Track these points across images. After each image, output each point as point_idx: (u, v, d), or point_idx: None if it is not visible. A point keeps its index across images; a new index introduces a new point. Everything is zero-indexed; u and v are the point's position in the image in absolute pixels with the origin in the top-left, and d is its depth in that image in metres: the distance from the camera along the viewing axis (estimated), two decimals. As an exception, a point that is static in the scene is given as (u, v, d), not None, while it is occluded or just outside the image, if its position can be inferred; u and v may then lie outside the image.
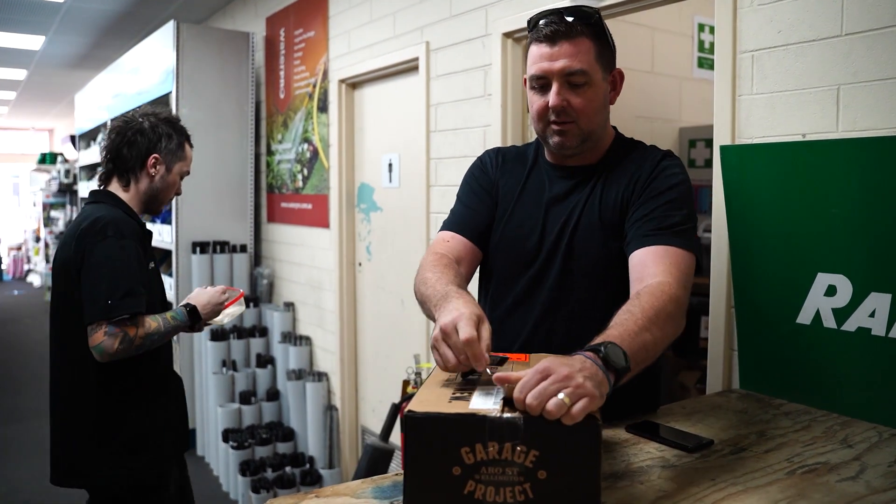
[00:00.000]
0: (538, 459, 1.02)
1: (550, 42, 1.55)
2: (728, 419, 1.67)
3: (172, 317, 2.26)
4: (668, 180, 1.60)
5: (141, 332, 2.13)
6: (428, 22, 3.39)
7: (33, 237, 14.41)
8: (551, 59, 1.55)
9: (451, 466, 1.04)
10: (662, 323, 1.32)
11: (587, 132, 1.61)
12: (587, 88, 1.56)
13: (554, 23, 1.54)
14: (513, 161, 1.81)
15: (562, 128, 1.59)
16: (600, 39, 1.58)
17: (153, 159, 2.34)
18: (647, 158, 1.66)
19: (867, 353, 1.68)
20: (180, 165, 2.43)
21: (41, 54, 8.14)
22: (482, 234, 1.75)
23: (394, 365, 3.91)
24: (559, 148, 1.63)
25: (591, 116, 1.59)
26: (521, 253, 1.70)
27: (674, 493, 1.21)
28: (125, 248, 2.15)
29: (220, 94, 4.97)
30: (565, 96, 1.56)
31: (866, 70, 1.74)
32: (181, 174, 2.45)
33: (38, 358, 7.67)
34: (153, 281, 2.33)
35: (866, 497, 1.22)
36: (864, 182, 1.68)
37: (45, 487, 4.27)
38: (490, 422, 1.03)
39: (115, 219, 2.19)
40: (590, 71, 1.55)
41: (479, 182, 1.80)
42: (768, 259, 1.88)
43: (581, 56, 1.54)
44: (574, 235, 1.64)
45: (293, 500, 1.20)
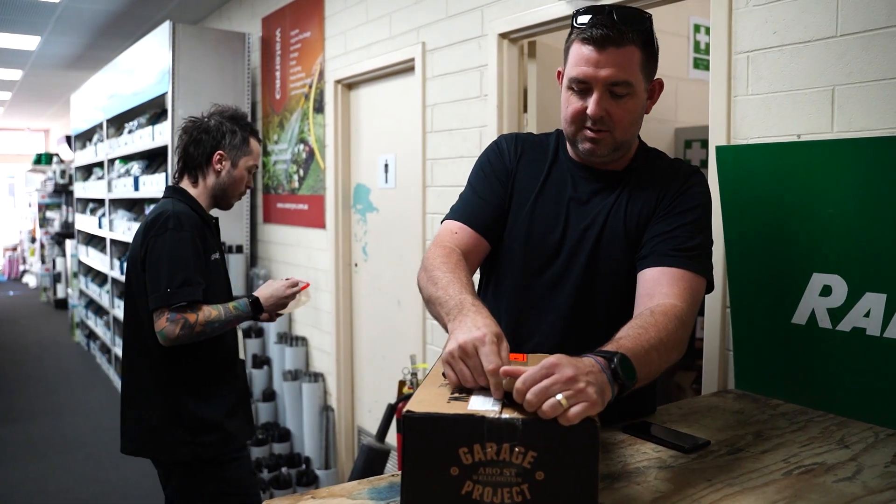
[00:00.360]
0: (536, 460, 1.01)
1: (598, 47, 1.45)
2: (724, 420, 1.67)
3: (235, 307, 2.37)
4: (693, 199, 1.57)
5: (201, 318, 2.26)
6: (424, 22, 3.39)
7: (29, 238, 14.37)
8: (597, 66, 1.46)
9: (448, 467, 1.03)
10: (671, 347, 1.33)
11: (620, 142, 1.55)
12: (628, 99, 1.49)
13: (605, 25, 1.44)
14: (532, 151, 1.71)
15: (596, 136, 1.53)
16: (648, 47, 1.49)
17: (218, 156, 2.47)
18: (677, 175, 1.61)
19: (862, 354, 1.68)
20: (245, 160, 2.51)
21: (37, 54, 8.12)
22: (491, 227, 1.66)
23: (390, 365, 3.91)
24: (589, 154, 1.57)
25: (628, 127, 1.53)
26: (538, 253, 1.63)
27: (670, 494, 1.21)
28: (183, 240, 2.28)
29: (216, 95, 4.94)
30: (605, 105, 1.49)
31: (861, 71, 1.75)
32: (248, 168, 2.53)
33: (34, 359, 7.66)
34: (216, 271, 2.44)
35: (863, 497, 1.22)
36: (860, 182, 1.68)
37: (40, 488, 4.28)
38: (488, 423, 1.03)
39: (177, 212, 2.33)
40: (634, 82, 1.48)
41: (493, 169, 1.70)
42: (763, 259, 1.88)
43: (628, 66, 1.46)
44: (599, 241, 1.59)
45: (289, 502, 1.19)
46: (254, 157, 2.55)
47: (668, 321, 1.35)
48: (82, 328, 8.48)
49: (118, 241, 6.34)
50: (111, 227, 6.37)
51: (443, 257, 1.53)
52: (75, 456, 4.90)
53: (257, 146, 2.57)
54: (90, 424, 5.62)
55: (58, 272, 11.16)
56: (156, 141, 5.10)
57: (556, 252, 1.62)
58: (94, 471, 4.63)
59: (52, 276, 11.56)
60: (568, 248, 1.61)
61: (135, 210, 6.12)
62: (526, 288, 1.66)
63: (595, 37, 1.45)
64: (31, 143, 17.23)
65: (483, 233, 1.65)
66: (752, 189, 1.90)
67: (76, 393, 6.53)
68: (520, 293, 1.67)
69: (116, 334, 6.58)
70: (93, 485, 4.39)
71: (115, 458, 4.87)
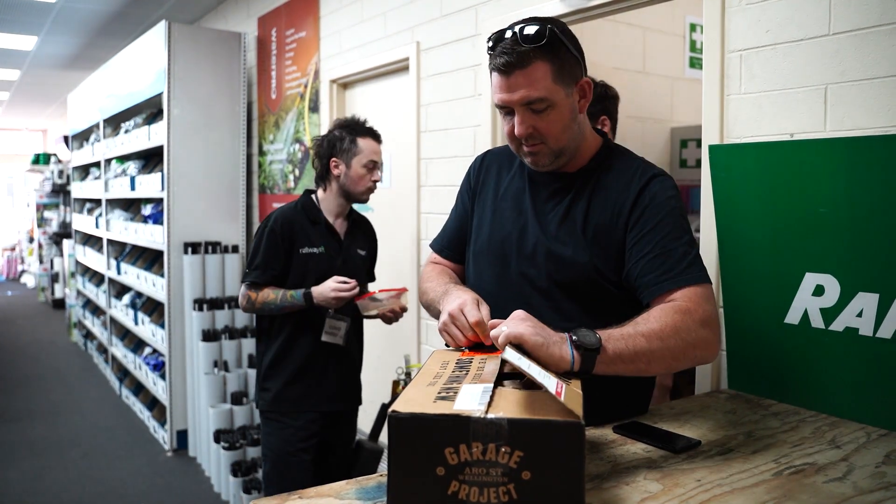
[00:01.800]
0: (522, 460, 1.01)
1: (505, 73, 1.51)
2: (716, 420, 1.67)
3: (292, 295, 2.75)
4: (662, 208, 1.56)
5: (260, 298, 2.78)
6: (418, 22, 3.39)
7: (27, 238, 14.36)
8: (509, 91, 1.52)
9: (434, 467, 1.03)
10: (666, 336, 1.37)
11: (558, 150, 1.59)
12: (550, 111, 1.53)
13: (505, 52, 1.49)
14: (499, 163, 1.80)
15: (532, 149, 1.59)
16: (557, 56, 1.51)
17: (333, 162, 2.82)
18: (633, 180, 1.61)
19: (855, 353, 1.68)
20: (358, 159, 2.80)
21: (34, 55, 8.12)
22: (456, 246, 1.86)
23: (384, 365, 3.90)
24: (534, 166, 1.64)
25: (559, 135, 1.57)
26: (499, 260, 1.69)
27: (659, 494, 1.20)
28: (266, 235, 2.80)
29: (212, 95, 4.96)
30: (530, 122, 1.54)
31: (854, 69, 1.74)
32: (364, 165, 2.82)
33: (31, 359, 7.65)
34: (304, 263, 2.81)
35: (853, 498, 1.21)
36: (852, 181, 1.67)
37: (36, 488, 4.28)
38: (474, 423, 1.02)
39: (278, 212, 2.86)
40: (549, 95, 1.51)
41: (461, 194, 1.88)
42: (756, 259, 1.88)
43: (537, 83, 1.50)
44: (554, 245, 1.62)
45: (277, 501, 1.19)
46: (366, 153, 2.81)
47: (662, 313, 1.41)
48: (80, 328, 8.48)
49: (115, 241, 6.33)
50: (108, 227, 6.36)
51: (430, 273, 1.82)
52: (72, 455, 4.89)
53: (369, 143, 2.82)
54: (87, 424, 5.61)
55: (56, 272, 11.15)
56: (152, 141, 5.09)
57: (515, 258, 1.67)
58: (91, 470, 4.62)
59: (49, 275, 11.55)
60: (526, 254, 1.65)
61: (131, 210, 6.11)
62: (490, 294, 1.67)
63: (499, 65, 1.51)
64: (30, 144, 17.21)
65: (456, 259, 1.86)
66: (746, 188, 1.89)
67: (73, 392, 6.52)
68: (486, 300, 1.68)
69: (113, 334, 6.57)
70: (89, 484, 4.38)
71: (112, 457, 4.87)
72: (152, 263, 5.66)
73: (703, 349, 1.44)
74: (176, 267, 4.82)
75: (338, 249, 2.89)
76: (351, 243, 2.94)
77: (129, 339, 6.25)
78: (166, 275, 4.83)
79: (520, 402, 1.11)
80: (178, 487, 4.40)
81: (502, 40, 1.51)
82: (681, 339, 1.38)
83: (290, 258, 2.81)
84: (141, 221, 5.52)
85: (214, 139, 4.96)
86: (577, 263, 1.60)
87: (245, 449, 4.33)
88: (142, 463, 4.78)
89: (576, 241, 1.60)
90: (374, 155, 2.82)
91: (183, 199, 4.81)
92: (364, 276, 3.02)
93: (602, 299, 1.61)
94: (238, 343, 4.77)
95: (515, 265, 1.67)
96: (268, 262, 2.79)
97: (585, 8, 2.54)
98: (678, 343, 1.38)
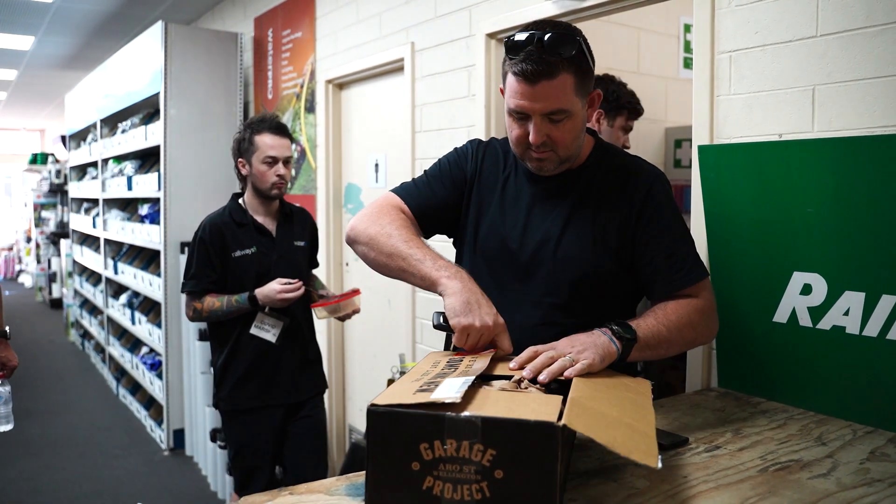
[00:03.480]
0: (495, 459, 1.02)
1: (531, 82, 1.48)
2: (705, 417, 1.69)
3: (237, 300, 2.78)
4: (666, 210, 1.63)
5: (206, 306, 2.80)
6: (413, 23, 3.40)
7: (24, 238, 14.35)
8: (532, 99, 1.50)
9: (410, 461, 1.05)
10: (682, 326, 1.54)
11: (565, 157, 1.60)
12: (567, 121, 1.53)
13: (534, 60, 1.46)
14: (491, 158, 1.77)
15: (540, 156, 1.58)
16: (581, 69, 1.51)
17: (241, 162, 2.88)
18: (637, 180, 1.64)
19: (842, 352, 1.70)
20: (257, 156, 2.82)
21: (31, 55, 8.12)
22: (429, 217, 1.74)
23: (381, 364, 3.92)
24: (538, 171, 1.64)
25: (570, 144, 1.58)
26: (506, 262, 1.68)
27: (645, 491, 1.22)
28: (197, 244, 2.84)
29: (209, 95, 4.96)
30: (545, 131, 1.54)
31: (841, 70, 1.76)
32: (263, 161, 2.82)
33: (29, 358, 7.65)
34: (238, 266, 2.84)
35: (836, 494, 1.23)
36: (839, 182, 1.69)
37: (34, 487, 4.29)
38: (449, 419, 1.03)
39: (207, 220, 2.89)
40: (570, 107, 1.52)
41: (451, 169, 1.78)
42: (745, 258, 1.90)
43: (562, 95, 1.50)
44: (560, 244, 1.62)
45: (267, 497, 1.21)
46: (263, 149, 2.81)
47: (679, 307, 1.57)
48: (77, 328, 8.48)
49: (112, 240, 6.34)
50: (105, 227, 6.37)
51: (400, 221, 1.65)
52: (69, 454, 4.90)
53: (266, 139, 2.82)
54: (84, 423, 5.62)
55: (53, 272, 11.16)
56: (149, 141, 5.10)
57: (521, 259, 1.66)
58: (88, 469, 4.63)
59: (47, 275, 11.55)
60: (530, 254, 1.65)
61: (128, 210, 6.12)
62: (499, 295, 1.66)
63: (526, 72, 1.48)
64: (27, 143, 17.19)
65: (421, 220, 1.72)
66: (735, 188, 1.91)
67: (70, 392, 6.53)
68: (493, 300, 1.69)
69: (110, 333, 6.58)
70: (86, 483, 4.39)
71: (109, 456, 4.88)
72: (149, 263, 5.67)
73: (709, 336, 1.71)
74: (173, 266, 4.83)
75: (271, 246, 2.90)
76: (285, 237, 2.95)
77: (127, 338, 6.26)
78: (163, 274, 4.84)
79: (500, 401, 1.13)
80: (175, 486, 4.42)
81: (527, 46, 1.47)
82: (693, 330, 1.57)
83: (225, 263, 2.83)
84: (138, 221, 5.53)
85: (211, 139, 4.97)
86: (584, 261, 1.61)
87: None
88: (139, 462, 4.79)
89: (582, 240, 1.62)
90: (272, 150, 2.81)
91: (180, 198, 4.82)
92: (306, 267, 3.08)
93: (605, 295, 1.64)
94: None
95: (519, 266, 1.66)
96: (201, 270, 2.82)
97: (579, 9, 2.55)
98: (691, 333, 1.57)
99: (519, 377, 1.30)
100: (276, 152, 2.82)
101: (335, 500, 1.20)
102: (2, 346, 3.09)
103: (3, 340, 3.08)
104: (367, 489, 1.07)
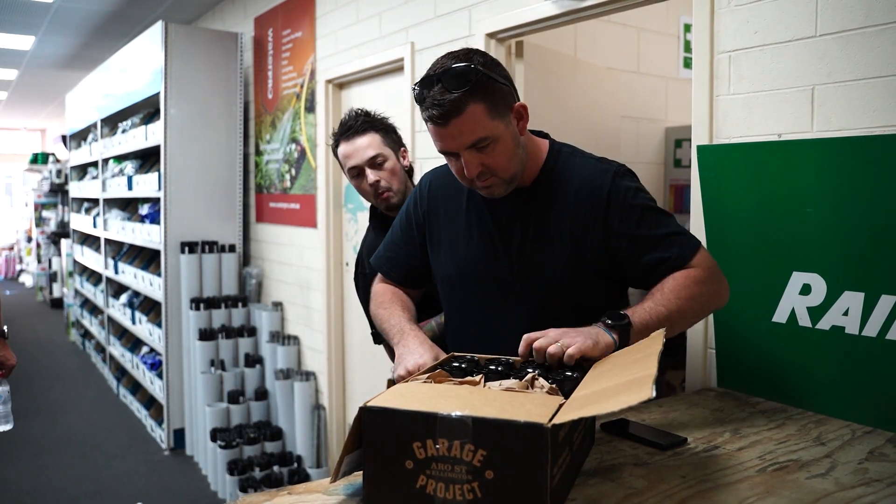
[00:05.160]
0: (486, 459, 1.02)
1: (441, 124, 1.52)
2: (704, 417, 1.68)
3: None
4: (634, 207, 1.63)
5: None
6: (413, 22, 3.40)
7: (25, 237, 14.35)
8: (450, 139, 1.54)
9: (404, 460, 1.05)
10: (683, 302, 1.53)
11: (509, 178, 1.62)
12: (494, 146, 1.55)
13: (437, 104, 1.49)
14: (446, 188, 1.82)
15: (485, 184, 1.61)
16: (488, 93, 1.52)
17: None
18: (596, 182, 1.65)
19: (841, 352, 1.69)
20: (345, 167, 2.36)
21: (31, 54, 8.12)
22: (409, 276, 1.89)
23: (381, 364, 3.91)
24: (490, 196, 1.66)
25: (508, 164, 1.59)
26: (480, 286, 1.73)
27: (643, 491, 1.22)
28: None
29: (209, 95, 4.97)
30: (478, 161, 1.56)
31: (840, 70, 1.76)
32: (351, 175, 2.34)
33: (29, 357, 7.66)
34: None
35: (834, 493, 1.23)
36: (839, 182, 1.69)
37: (35, 486, 4.29)
38: (441, 419, 1.04)
39: None
40: (490, 133, 1.53)
41: (409, 221, 1.88)
42: (744, 258, 1.89)
43: (477, 126, 1.52)
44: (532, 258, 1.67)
45: (266, 497, 1.21)
46: (343, 163, 2.34)
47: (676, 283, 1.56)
48: (77, 327, 8.49)
49: (112, 240, 6.35)
50: (105, 227, 6.37)
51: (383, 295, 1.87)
52: (69, 454, 4.91)
53: (340, 150, 2.33)
54: (84, 423, 5.63)
55: (54, 271, 11.15)
56: (149, 140, 5.10)
57: (492, 280, 1.71)
58: (89, 468, 4.64)
59: (48, 275, 11.55)
60: (502, 274, 1.69)
61: (129, 209, 6.12)
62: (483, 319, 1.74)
63: (434, 117, 1.51)
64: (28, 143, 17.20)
65: (407, 283, 1.91)
66: (734, 188, 1.91)
67: (71, 391, 6.53)
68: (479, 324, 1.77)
69: (111, 333, 6.58)
70: (86, 482, 4.40)
71: (109, 456, 4.88)
72: (149, 263, 5.67)
73: (719, 300, 1.64)
74: (173, 266, 4.83)
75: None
76: None
77: (127, 338, 6.26)
78: (163, 274, 4.85)
79: (497, 401, 1.13)
80: (175, 486, 4.42)
81: (429, 91, 1.51)
82: (696, 301, 1.56)
83: None
84: (138, 221, 5.54)
85: (211, 139, 4.97)
86: (555, 271, 1.65)
87: (242, 447, 4.35)
88: (139, 461, 4.79)
89: (549, 251, 1.65)
90: (348, 160, 2.30)
91: (180, 198, 4.83)
92: None
93: (586, 296, 1.67)
94: (235, 342, 4.79)
95: (495, 287, 1.71)
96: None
97: (579, 9, 2.55)
98: (695, 305, 1.56)
99: (531, 376, 1.30)
100: (354, 160, 2.28)
101: (333, 500, 1.20)
102: (0, 345, 3.08)
103: (1, 340, 3.06)
104: (365, 487, 1.08)
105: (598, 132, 3.55)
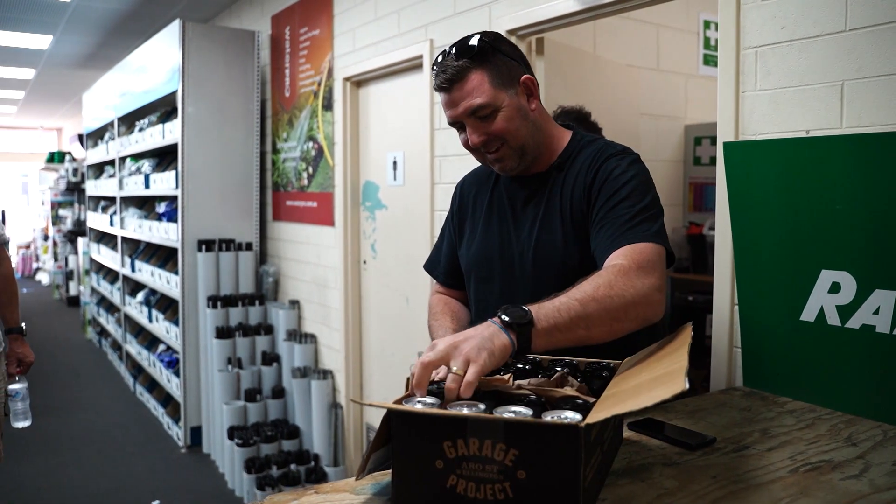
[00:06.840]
0: (517, 459, 1.01)
1: (446, 90, 1.61)
2: (731, 417, 1.66)
3: None
4: (622, 178, 1.60)
5: None
6: (432, 20, 3.39)
7: (42, 236, 14.46)
8: (453, 105, 1.61)
9: (434, 459, 1.05)
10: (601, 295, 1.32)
11: (519, 147, 1.65)
12: (497, 115, 1.61)
13: (442, 70, 1.59)
14: (476, 184, 1.89)
15: (495, 155, 1.66)
16: (492, 63, 1.60)
17: None
18: (593, 162, 1.66)
19: (871, 351, 1.67)
20: None
21: (49, 54, 8.16)
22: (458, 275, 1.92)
23: (399, 362, 3.91)
24: (503, 171, 1.72)
25: (515, 132, 1.63)
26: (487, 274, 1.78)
27: (675, 491, 1.20)
28: None
29: (226, 93, 4.97)
30: (482, 130, 1.62)
31: (871, 65, 1.73)
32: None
33: (46, 355, 7.70)
34: None
35: (870, 495, 1.21)
36: (868, 178, 1.66)
37: (51, 483, 4.31)
38: (472, 419, 1.03)
39: None
40: (491, 101, 1.59)
41: (448, 223, 1.97)
42: (772, 256, 1.87)
43: (477, 91, 1.59)
44: (538, 245, 1.68)
45: (293, 496, 1.20)
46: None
47: (599, 275, 1.38)
48: (94, 325, 8.53)
49: (129, 238, 6.37)
50: (122, 225, 6.40)
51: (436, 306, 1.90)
52: (86, 451, 4.93)
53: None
54: (101, 420, 5.65)
55: (70, 270, 11.22)
56: (166, 139, 5.12)
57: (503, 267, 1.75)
58: (105, 466, 4.66)
59: (64, 273, 11.62)
60: (513, 259, 1.73)
61: (145, 208, 6.15)
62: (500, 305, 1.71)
63: (439, 83, 1.62)
64: (44, 142, 17.31)
65: (459, 286, 1.92)
66: (761, 185, 1.89)
67: (87, 389, 6.57)
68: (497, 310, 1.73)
69: (127, 331, 6.61)
70: (103, 480, 4.42)
71: (126, 453, 4.90)
72: (166, 261, 5.69)
73: (644, 306, 1.38)
74: (190, 264, 4.84)
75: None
76: None
77: (144, 336, 6.28)
78: (180, 272, 4.86)
79: None
80: (192, 484, 4.43)
81: (440, 57, 1.62)
82: (618, 298, 1.33)
83: None
84: (155, 219, 5.55)
85: (228, 137, 4.98)
86: (561, 255, 1.66)
87: (259, 445, 4.36)
88: (156, 459, 4.81)
89: (556, 235, 1.67)
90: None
91: (197, 196, 4.84)
92: None
93: None
94: (252, 340, 4.80)
95: (506, 274, 1.74)
96: None
97: (598, 5, 2.53)
98: (616, 302, 1.33)
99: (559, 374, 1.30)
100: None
101: (361, 499, 1.19)
102: (18, 343, 3.10)
103: (19, 337, 3.08)
104: (394, 487, 1.07)
105: (617, 129, 3.52)
